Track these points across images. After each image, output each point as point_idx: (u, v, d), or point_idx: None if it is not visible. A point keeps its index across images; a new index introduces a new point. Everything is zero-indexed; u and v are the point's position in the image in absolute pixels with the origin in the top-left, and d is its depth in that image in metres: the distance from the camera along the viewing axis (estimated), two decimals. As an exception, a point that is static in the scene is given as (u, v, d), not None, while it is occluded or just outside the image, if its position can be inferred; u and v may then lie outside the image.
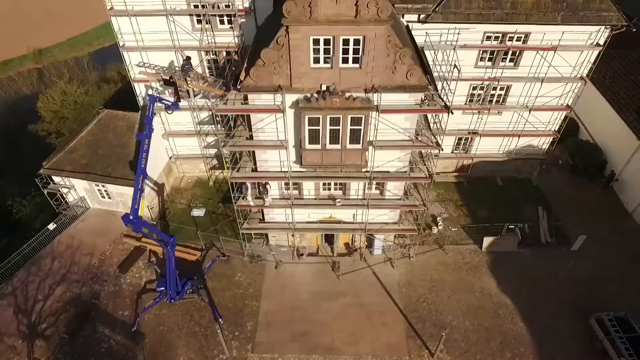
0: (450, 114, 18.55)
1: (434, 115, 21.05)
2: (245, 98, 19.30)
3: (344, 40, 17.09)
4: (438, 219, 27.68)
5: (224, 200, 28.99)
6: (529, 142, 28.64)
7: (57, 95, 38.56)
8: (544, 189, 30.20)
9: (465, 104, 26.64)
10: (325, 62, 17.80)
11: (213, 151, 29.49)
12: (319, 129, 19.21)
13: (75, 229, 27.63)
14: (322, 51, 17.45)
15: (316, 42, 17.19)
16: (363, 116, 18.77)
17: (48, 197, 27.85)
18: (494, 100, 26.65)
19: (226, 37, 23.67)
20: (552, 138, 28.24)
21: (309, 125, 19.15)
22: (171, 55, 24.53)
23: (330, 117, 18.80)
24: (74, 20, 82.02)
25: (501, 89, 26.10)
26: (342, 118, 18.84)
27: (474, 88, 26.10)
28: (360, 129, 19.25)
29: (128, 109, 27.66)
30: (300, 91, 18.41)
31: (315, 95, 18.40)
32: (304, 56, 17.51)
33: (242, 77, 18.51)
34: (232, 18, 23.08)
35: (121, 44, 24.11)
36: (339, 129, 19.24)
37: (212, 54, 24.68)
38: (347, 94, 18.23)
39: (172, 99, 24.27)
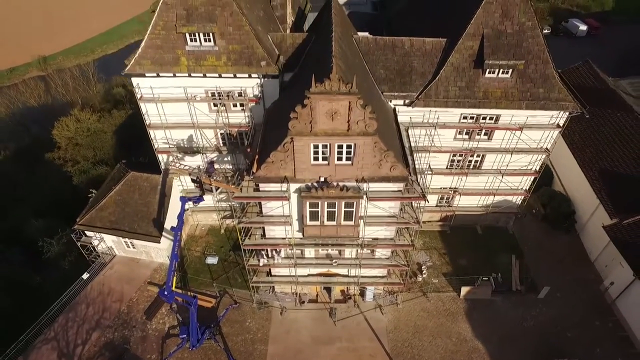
0: (426, 202, 22.41)
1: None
2: (257, 185, 23.13)
3: (338, 145, 20.97)
4: (423, 267, 31.48)
5: (235, 249, 32.77)
6: (503, 198, 32.44)
7: (72, 123, 42.01)
8: (518, 237, 33.98)
9: (446, 168, 30.44)
10: (323, 160, 21.66)
11: (224, 204, 33.28)
12: (318, 210, 23.12)
13: (104, 276, 31.41)
14: (320, 152, 21.32)
15: (316, 146, 21.06)
16: (354, 201, 22.64)
17: (80, 248, 31.68)
18: (471, 166, 30.43)
19: (238, 118, 27.53)
20: (523, 196, 32.01)
21: (309, 208, 23.08)
22: (190, 131, 28.37)
23: (327, 202, 22.68)
24: (77, 28, 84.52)
25: (477, 156, 29.87)
26: (337, 203, 22.72)
27: (454, 155, 29.87)
28: (352, 210, 23.14)
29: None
30: (303, 181, 22.26)
31: (315, 184, 22.27)
32: (306, 157, 21.36)
33: (254, 169, 22.35)
34: (244, 103, 26.91)
35: (147, 122, 27.90)
36: (334, 210, 23.12)
37: (226, 130, 28.47)
38: (341, 184, 22.09)
39: (197, 194, 28.35)
